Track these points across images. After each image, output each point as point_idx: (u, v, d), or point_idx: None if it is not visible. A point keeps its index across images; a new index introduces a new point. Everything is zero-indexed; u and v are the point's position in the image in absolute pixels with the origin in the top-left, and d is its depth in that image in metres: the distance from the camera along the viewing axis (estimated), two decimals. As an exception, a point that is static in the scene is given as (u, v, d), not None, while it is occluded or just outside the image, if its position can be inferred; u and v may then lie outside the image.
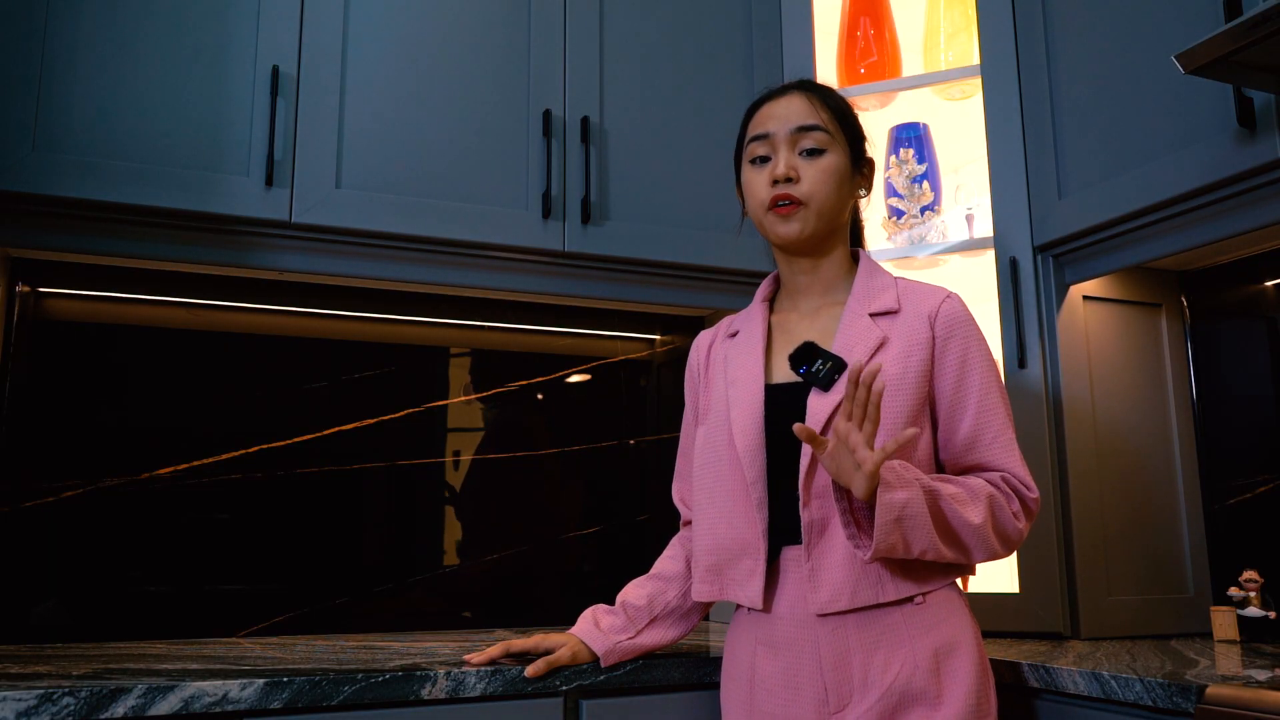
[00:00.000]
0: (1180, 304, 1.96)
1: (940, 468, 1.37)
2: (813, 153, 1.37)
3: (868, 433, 1.15)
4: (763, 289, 1.50)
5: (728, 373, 1.42)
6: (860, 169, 1.44)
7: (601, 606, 1.50)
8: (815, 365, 1.31)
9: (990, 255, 1.95)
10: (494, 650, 1.42)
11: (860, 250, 1.47)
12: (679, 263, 1.99)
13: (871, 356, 1.31)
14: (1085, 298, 1.88)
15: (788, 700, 1.29)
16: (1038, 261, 1.86)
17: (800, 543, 1.30)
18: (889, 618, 1.27)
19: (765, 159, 1.40)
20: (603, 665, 1.43)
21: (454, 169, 1.84)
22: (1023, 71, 1.92)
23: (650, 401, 2.29)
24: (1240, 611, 1.66)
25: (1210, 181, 1.54)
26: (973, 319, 1.36)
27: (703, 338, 1.55)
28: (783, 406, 1.33)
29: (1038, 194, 1.87)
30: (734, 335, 1.48)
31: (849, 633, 1.27)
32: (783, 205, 1.36)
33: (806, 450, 1.28)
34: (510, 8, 1.94)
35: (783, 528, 1.32)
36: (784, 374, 1.38)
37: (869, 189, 1.46)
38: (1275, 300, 1.81)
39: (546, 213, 1.87)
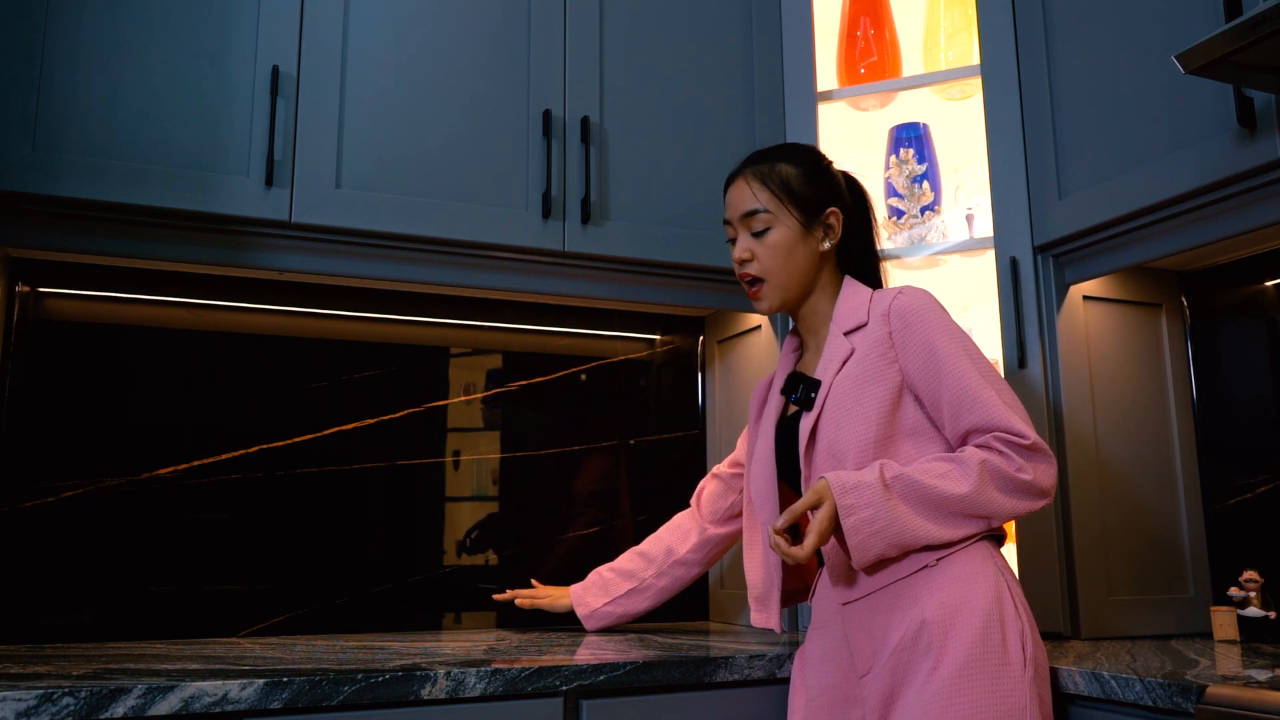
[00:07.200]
0: (1180, 304, 1.96)
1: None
2: (760, 233, 1.52)
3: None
4: (789, 340, 1.65)
5: (753, 419, 1.67)
6: (813, 227, 1.52)
7: (605, 569, 1.91)
8: (799, 391, 1.48)
9: (990, 255, 1.95)
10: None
11: (846, 277, 1.56)
12: (679, 263, 1.98)
13: (840, 369, 1.44)
14: (1085, 298, 1.88)
15: (827, 672, 1.45)
16: (1038, 261, 1.86)
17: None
18: (904, 584, 1.35)
19: (733, 240, 1.57)
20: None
21: (454, 169, 1.84)
22: (1023, 71, 1.92)
23: (650, 401, 2.29)
24: (1240, 611, 1.66)
25: (1210, 181, 1.54)
26: (928, 305, 1.42)
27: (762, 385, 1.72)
28: (789, 433, 1.52)
29: (1038, 194, 1.87)
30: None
31: (870, 605, 1.38)
32: (751, 286, 1.54)
33: (809, 475, 1.45)
34: (510, 8, 1.94)
35: None
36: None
37: (835, 237, 1.54)
38: (1275, 300, 1.81)
39: (546, 213, 1.87)
